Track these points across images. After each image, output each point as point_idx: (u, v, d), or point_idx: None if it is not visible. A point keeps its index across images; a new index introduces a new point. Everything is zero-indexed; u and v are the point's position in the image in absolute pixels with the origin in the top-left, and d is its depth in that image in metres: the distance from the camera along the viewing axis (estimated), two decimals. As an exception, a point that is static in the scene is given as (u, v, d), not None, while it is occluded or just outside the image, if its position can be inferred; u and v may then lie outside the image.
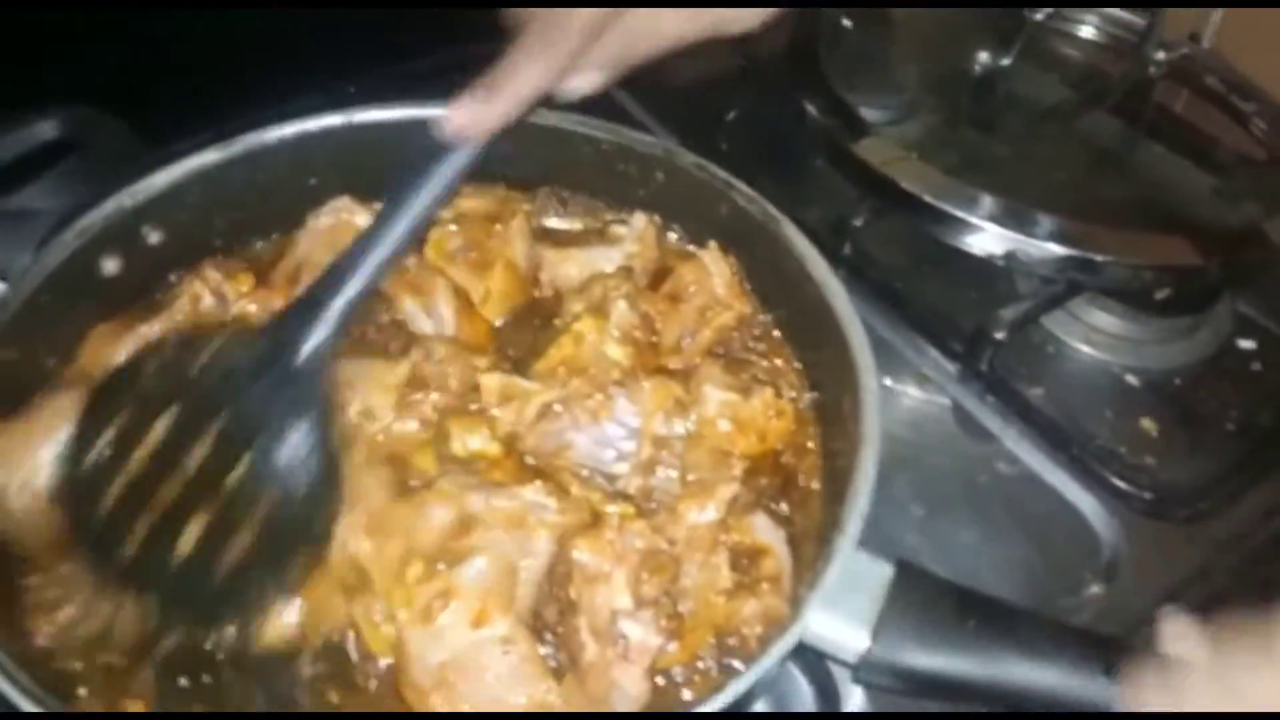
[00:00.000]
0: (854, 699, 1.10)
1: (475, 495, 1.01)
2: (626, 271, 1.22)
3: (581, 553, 0.97)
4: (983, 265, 1.51)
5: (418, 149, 1.27)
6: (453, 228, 1.25)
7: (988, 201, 1.49)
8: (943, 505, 1.29)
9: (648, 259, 1.26)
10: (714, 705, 0.83)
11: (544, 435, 1.06)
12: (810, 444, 1.14)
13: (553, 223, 1.32)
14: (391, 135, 1.29)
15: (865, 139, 1.59)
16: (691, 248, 1.29)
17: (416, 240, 1.12)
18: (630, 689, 0.92)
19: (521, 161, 1.33)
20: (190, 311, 1.18)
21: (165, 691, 0.97)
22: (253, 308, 1.19)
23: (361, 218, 1.23)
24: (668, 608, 0.96)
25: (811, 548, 1.04)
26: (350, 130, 1.28)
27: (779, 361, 1.21)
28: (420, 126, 1.27)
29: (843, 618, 0.90)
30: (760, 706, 1.06)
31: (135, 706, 0.95)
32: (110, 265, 1.18)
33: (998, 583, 1.24)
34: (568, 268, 1.26)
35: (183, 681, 0.98)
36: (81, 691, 0.94)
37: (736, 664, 0.97)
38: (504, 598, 0.96)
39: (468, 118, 0.97)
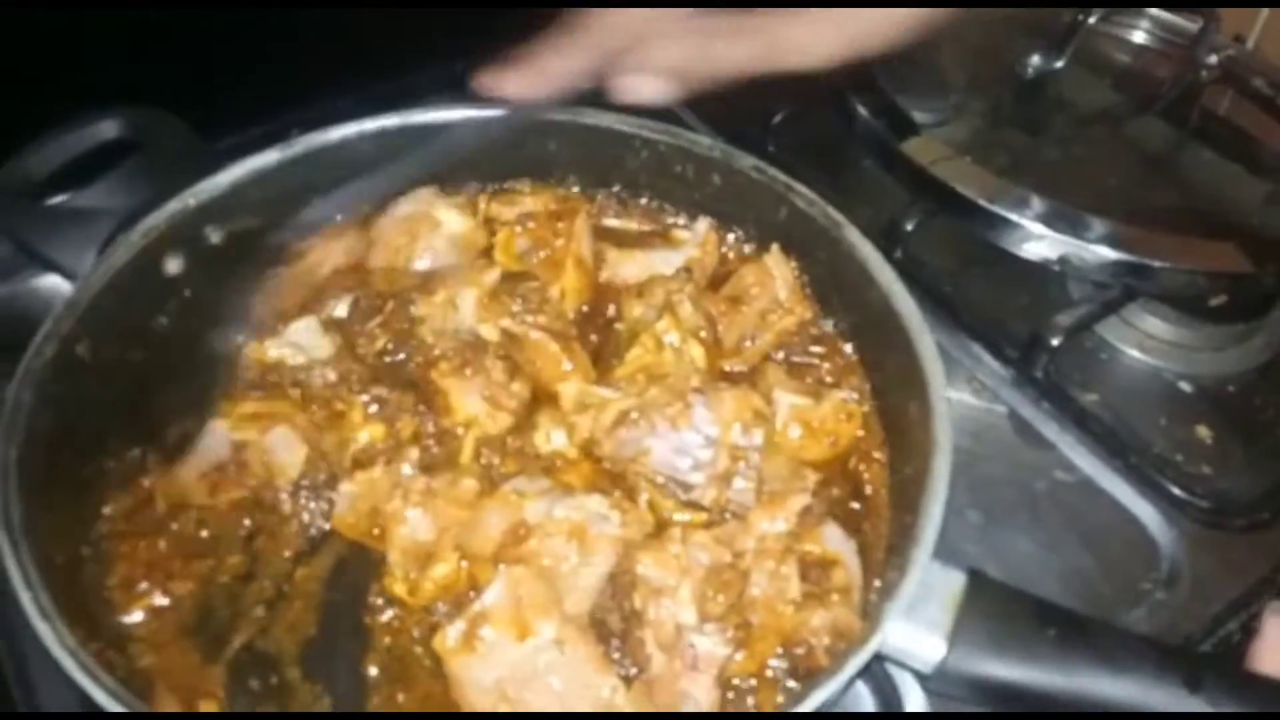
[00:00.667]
0: (912, 700, 1.09)
1: (539, 503, 1.01)
2: (686, 274, 1.21)
3: (646, 566, 0.97)
4: (1034, 269, 1.50)
5: (471, 148, 1.31)
6: (518, 229, 1.25)
7: (1039, 204, 1.48)
8: (1000, 513, 1.28)
9: (708, 264, 1.26)
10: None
11: (621, 442, 1.06)
12: (876, 453, 1.14)
13: (613, 223, 1.33)
14: (445, 135, 1.30)
15: (914, 139, 1.58)
16: (749, 250, 1.29)
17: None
18: (700, 698, 0.92)
19: (579, 163, 1.33)
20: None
21: (236, 693, 0.98)
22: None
23: (441, 210, 1.26)
24: (734, 619, 0.96)
25: (879, 556, 1.03)
26: (406, 131, 1.29)
27: (839, 363, 1.21)
28: (473, 126, 1.29)
29: (918, 627, 0.89)
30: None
31: (209, 706, 0.95)
32: (173, 265, 1.19)
33: (1056, 591, 1.23)
34: (628, 268, 1.26)
35: (253, 684, 0.99)
36: (159, 690, 0.94)
37: (797, 673, 0.97)
38: (544, 604, 0.95)
39: (498, 79, 1.01)
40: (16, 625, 1.09)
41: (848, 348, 1.22)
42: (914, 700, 1.07)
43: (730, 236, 1.32)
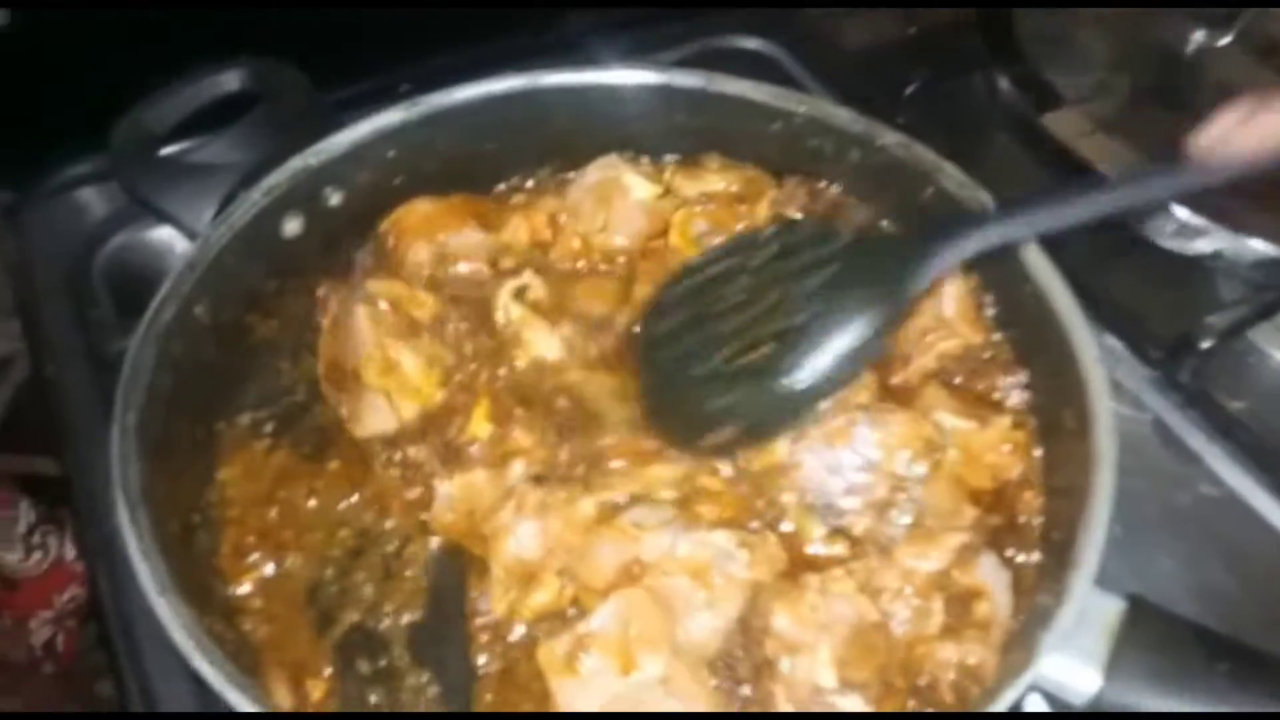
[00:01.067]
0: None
1: (660, 537, 0.95)
2: None
3: (781, 619, 0.91)
4: (1181, 265, 1.39)
5: (598, 114, 1.26)
6: (698, 208, 1.20)
7: (1197, 195, 1.37)
8: (1139, 527, 1.20)
9: None
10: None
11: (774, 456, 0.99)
12: (1031, 475, 1.05)
13: (795, 214, 1.23)
14: (573, 100, 1.25)
15: (1058, 113, 1.48)
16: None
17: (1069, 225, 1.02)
18: None
19: (767, 146, 1.26)
20: (517, 241, 1.22)
21: (344, 673, 0.96)
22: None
23: (628, 176, 1.22)
24: (877, 679, 0.90)
25: (1028, 585, 0.97)
26: (531, 94, 1.24)
27: (1009, 384, 1.12)
28: (601, 91, 1.24)
29: (1073, 658, 0.83)
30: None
31: (317, 689, 0.93)
32: (292, 226, 1.16)
33: (1195, 613, 1.13)
34: None
35: (362, 665, 0.96)
36: (268, 666, 0.92)
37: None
38: (655, 638, 0.90)
39: (1221, 132, 0.82)
40: (128, 594, 1.09)
41: (1009, 360, 1.13)
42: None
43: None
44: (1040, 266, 1.06)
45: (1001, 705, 0.78)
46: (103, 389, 1.25)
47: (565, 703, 0.89)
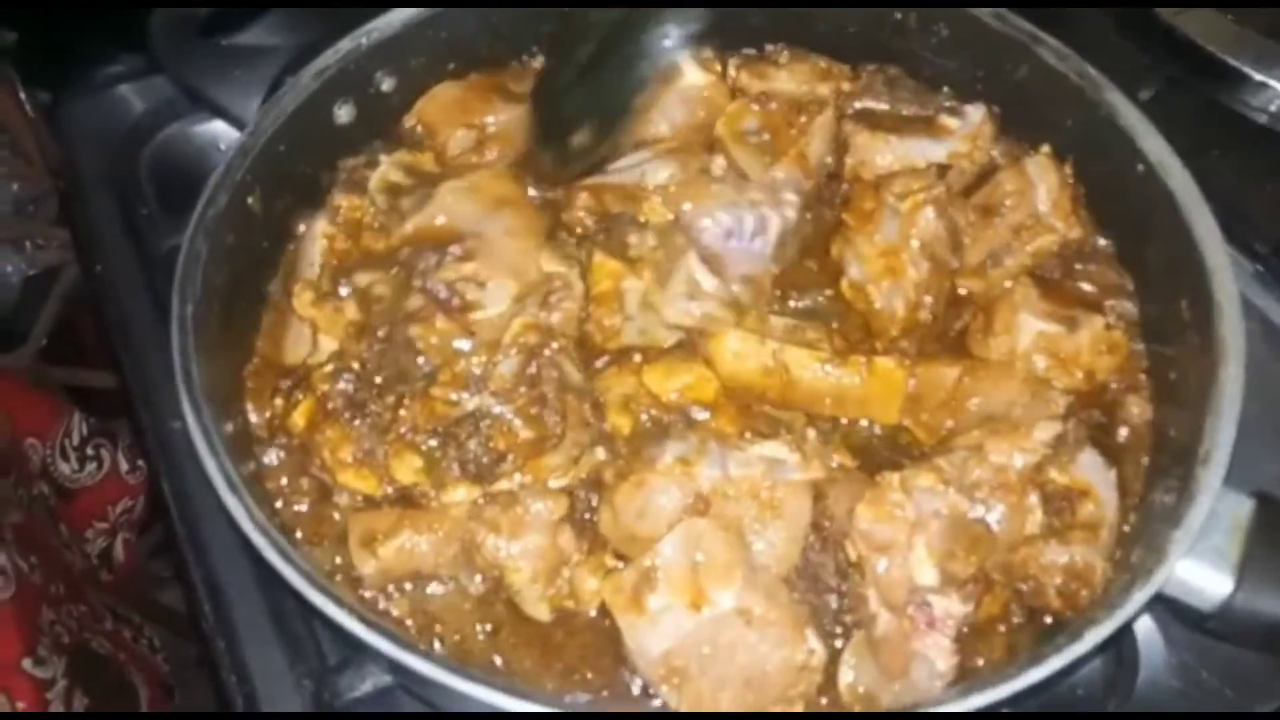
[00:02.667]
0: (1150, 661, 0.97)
1: (708, 466, 0.89)
2: (941, 171, 1.06)
3: (864, 519, 0.85)
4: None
5: None
6: (754, 106, 1.12)
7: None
8: (1246, 431, 1.12)
9: (976, 159, 1.09)
10: (1043, 670, 0.71)
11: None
12: (1134, 377, 0.98)
13: (872, 105, 1.14)
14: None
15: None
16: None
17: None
18: (939, 663, 0.81)
19: (844, 24, 1.18)
20: None
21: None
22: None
23: (682, 58, 1.14)
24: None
25: (1135, 489, 0.90)
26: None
27: (1108, 279, 1.04)
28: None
29: (1203, 559, 0.77)
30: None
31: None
32: (344, 113, 1.09)
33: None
34: (880, 156, 1.10)
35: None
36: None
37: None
38: (725, 566, 0.85)
39: None
40: (191, 493, 1.07)
41: (1110, 253, 1.06)
42: (1153, 661, 0.95)
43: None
44: (1153, 145, 0.98)
45: (1130, 609, 0.72)
46: (153, 287, 1.22)
47: (634, 646, 0.84)
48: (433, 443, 0.93)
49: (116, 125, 1.41)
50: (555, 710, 0.70)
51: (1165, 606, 0.83)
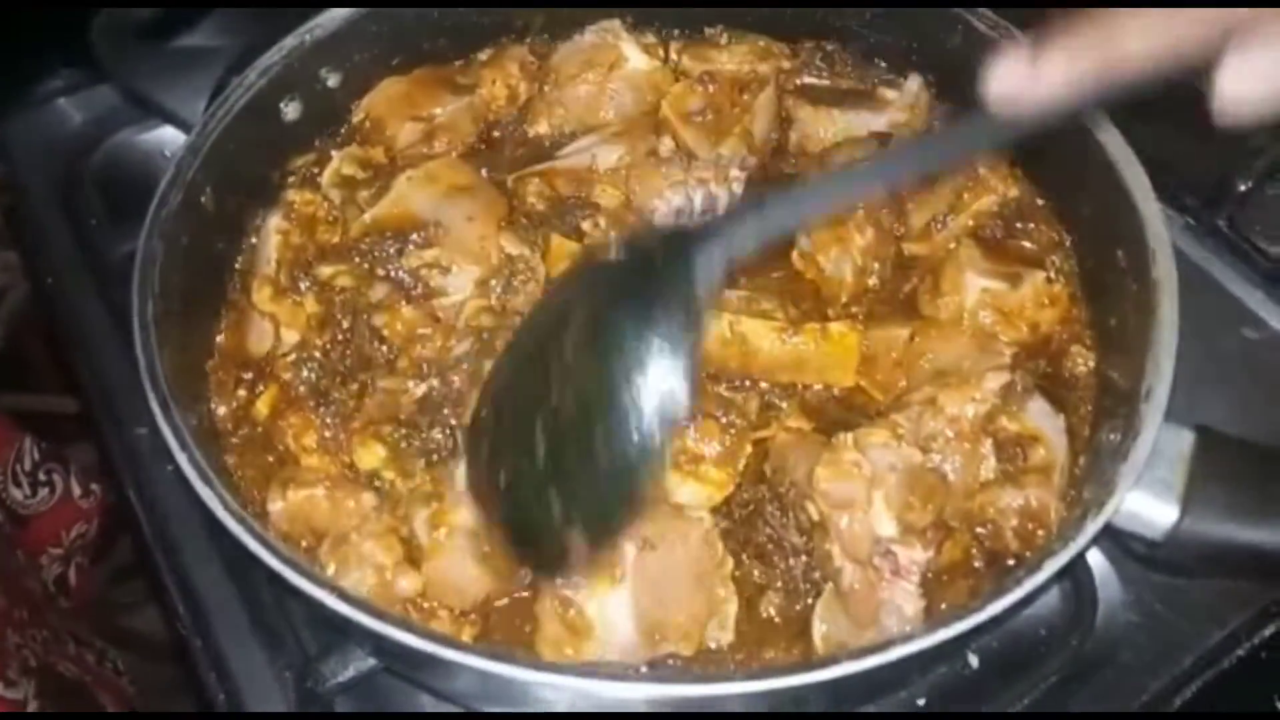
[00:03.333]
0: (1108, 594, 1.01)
1: None
2: (881, 139, 1.09)
3: (825, 481, 0.87)
4: (1203, 111, 1.35)
5: None
6: (698, 87, 1.14)
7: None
8: (1186, 373, 1.17)
9: (915, 127, 1.12)
10: (1005, 601, 0.74)
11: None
12: (1076, 327, 1.03)
13: (812, 80, 1.18)
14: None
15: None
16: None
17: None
18: (906, 608, 0.84)
19: (783, 13, 1.20)
20: (492, 100, 1.17)
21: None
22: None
23: (625, 44, 1.16)
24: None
25: (1082, 435, 0.94)
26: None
27: (1047, 235, 1.08)
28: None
29: (1147, 491, 0.80)
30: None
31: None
32: (291, 110, 1.10)
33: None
34: (822, 128, 1.13)
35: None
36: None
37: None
38: None
39: (1013, 83, 0.67)
40: (159, 496, 1.06)
41: (1048, 211, 1.09)
42: (1110, 598, 0.99)
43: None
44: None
45: (1083, 539, 0.76)
46: (107, 295, 1.21)
47: (610, 641, 0.87)
48: (399, 431, 0.94)
49: (58, 138, 1.40)
50: (550, 678, 0.71)
51: (1117, 541, 0.86)
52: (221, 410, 0.98)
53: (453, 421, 0.94)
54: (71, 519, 1.95)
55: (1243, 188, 1.27)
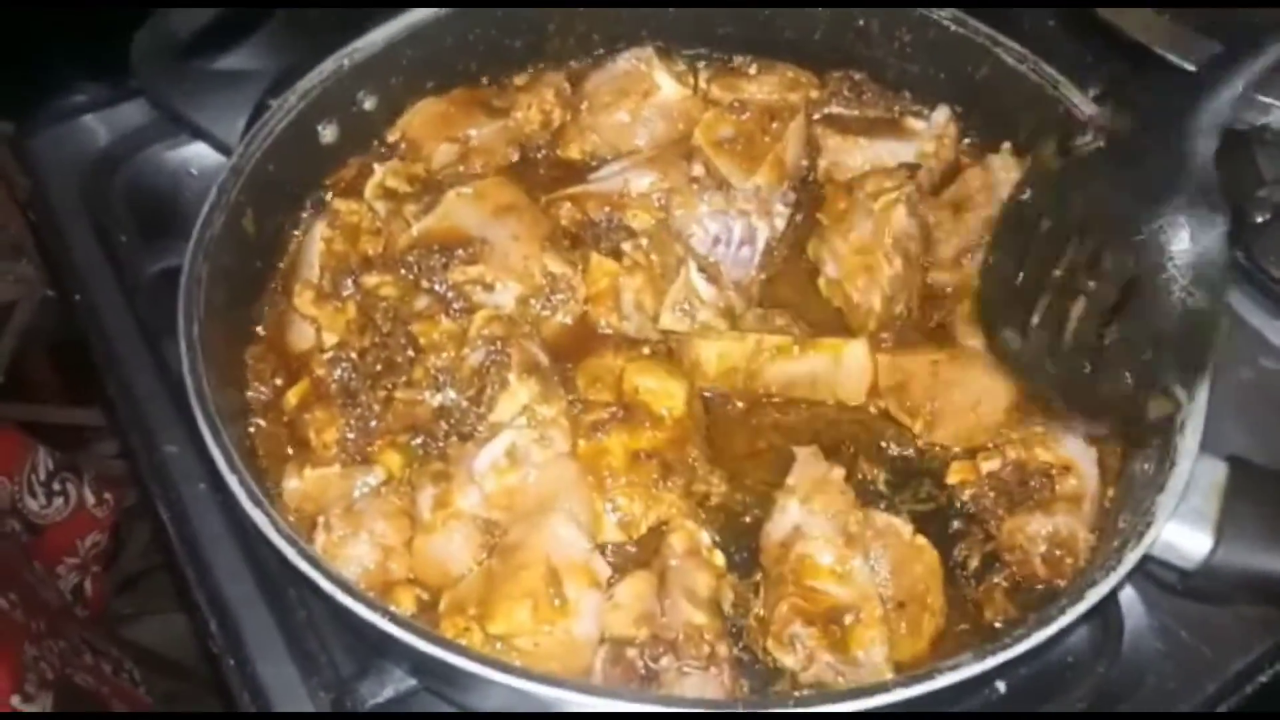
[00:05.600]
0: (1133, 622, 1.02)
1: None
2: (910, 170, 1.10)
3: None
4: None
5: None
6: (729, 115, 1.16)
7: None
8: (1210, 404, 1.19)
9: (943, 158, 1.15)
10: (1051, 629, 0.76)
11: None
12: None
13: (840, 110, 1.21)
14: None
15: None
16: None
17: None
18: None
19: (809, 31, 1.23)
20: (529, 122, 1.19)
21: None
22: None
23: (659, 73, 1.17)
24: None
25: (1115, 463, 0.96)
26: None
27: None
28: None
29: (1184, 520, 0.82)
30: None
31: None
32: (329, 133, 1.11)
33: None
34: (850, 157, 1.15)
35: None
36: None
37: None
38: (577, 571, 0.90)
39: None
40: (195, 513, 1.07)
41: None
42: (1136, 625, 1.00)
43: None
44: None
45: (1124, 567, 0.77)
46: (136, 312, 1.22)
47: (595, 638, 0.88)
48: (416, 439, 0.97)
49: (84, 154, 1.40)
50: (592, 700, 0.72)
51: (1149, 570, 0.88)
52: (251, 395, 1.01)
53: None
54: (87, 528, 1.96)
55: (1259, 219, 1.28)
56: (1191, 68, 1.36)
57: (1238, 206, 1.31)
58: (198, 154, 1.33)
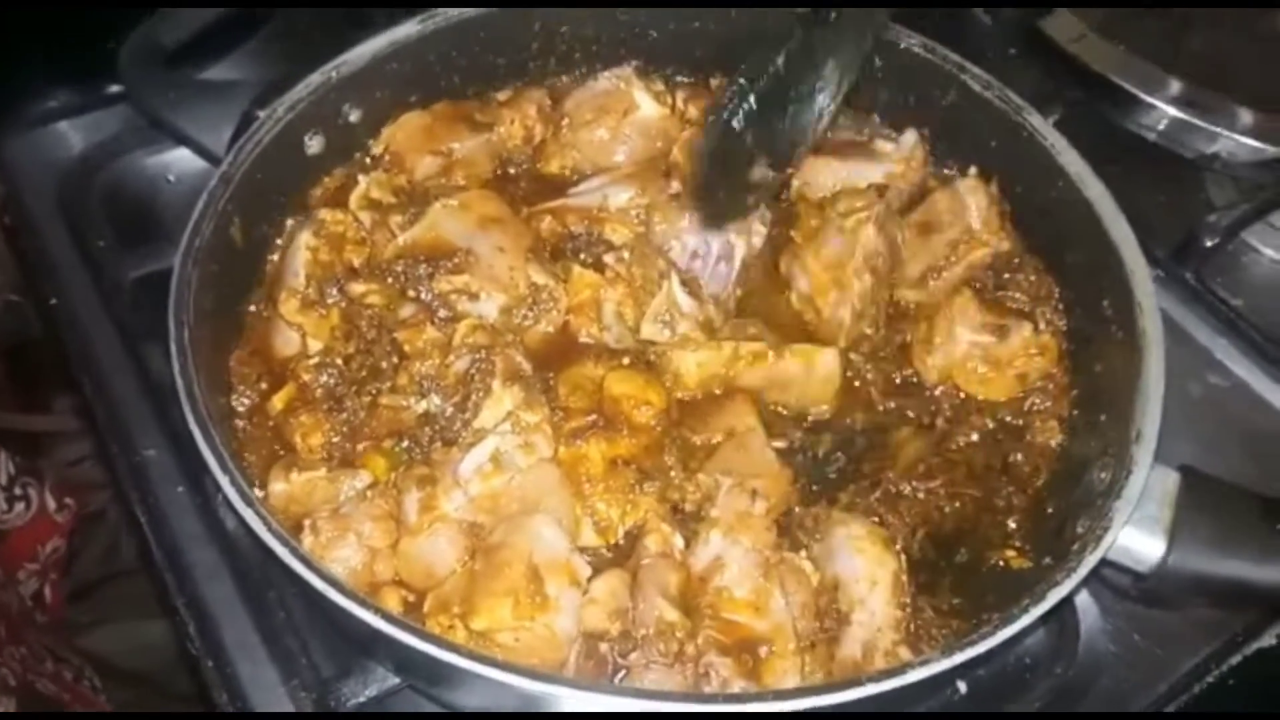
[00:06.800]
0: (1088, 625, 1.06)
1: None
2: (880, 190, 1.14)
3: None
4: (1169, 166, 1.43)
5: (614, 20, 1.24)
6: None
7: (1189, 91, 1.40)
8: (1159, 414, 1.24)
9: (911, 180, 1.19)
10: (1010, 630, 0.79)
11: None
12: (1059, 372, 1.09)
13: None
14: (597, 16, 1.24)
15: (1054, 16, 1.50)
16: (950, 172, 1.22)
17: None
18: None
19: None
20: (511, 136, 1.22)
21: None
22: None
23: (638, 92, 1.21)
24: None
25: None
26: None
27: (1037, 287, 1.14)
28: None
29: (1139, 525, 0.86)
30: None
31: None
32: (314, 144, 1.13)
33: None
34: (822, 177, 1.19)
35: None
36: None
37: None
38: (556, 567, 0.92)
39: None
40: (172, 518, 1.08)
41: (1037, 263, 1.16)
42: (1091, 629, 1.05)
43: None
44: (1071, 160, 1.09)
45: (1083, 570, 0.81)
46: (115, 317, 1.22)
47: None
48: (400, 444, 0.99)
49: (60, 159, 1.40)
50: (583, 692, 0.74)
51: (1103, 576, 0.92)
52: (236, 400, 1.02)
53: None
54: (47, 533, 1.94)
55: (1208, 243, 1.34)
56: (1147, 97, 1.43)
57: (1189, 231, 1.37)
58: (176, 159, 1.35)
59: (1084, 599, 1.06)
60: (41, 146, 1.42)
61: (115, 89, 1.38)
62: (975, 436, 1.08)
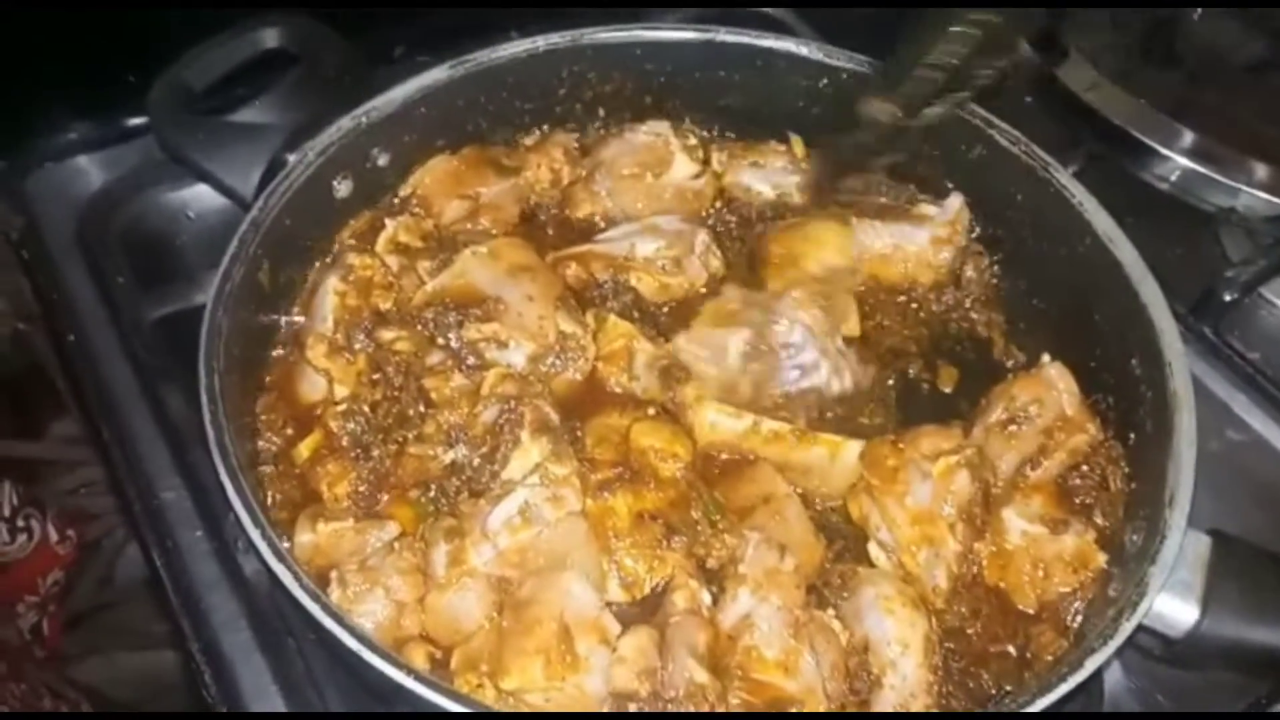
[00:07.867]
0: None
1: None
2: (965, 429, 1.07)
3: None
4: (1183, 221, 1.44)
5: (642, 71, 1.25)
6: None
7: (1205, 144, 1.41)
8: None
9: (956, 244, 1.18)
10: (1052, 696, 0.79)
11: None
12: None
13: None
14: (622, 56, 1.24)
15: (1067, 66, 1.51)
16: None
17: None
18: None
19: (809, 109, 1.27)
20: (538, 180, 1.23)
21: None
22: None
23: (675, 147, 1.22)
24: None
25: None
26: (578, 51, 1.22)
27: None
28: (647, 48, 1.23)
29: (1172, 591, 0.86)
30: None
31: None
32: (343, 188, 1.13)
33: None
34: (877, 240, 1.18)
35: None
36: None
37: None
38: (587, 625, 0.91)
39: None
40: (191, 559, 1.07)
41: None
42: (1115, 690, 1.04)
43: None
44: (1100, 218, 1.09)
45: (1121, 636, 0.81)
46: (134, 356, 1.21)
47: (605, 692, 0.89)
48: (427, 494, 0.98)
49: (79, 194, 1.40)
50: None
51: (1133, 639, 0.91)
52: (263, 445, 1.02)
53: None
54: (49, 565, 1.93)
55: (1227, 298, 1.35)
56: (1162, 149, 1.44)
57: (1207, 287, 1.37)
58: (196, 196, 1.35)
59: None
60: (61, 180, 1.42)
61: (135, 122, 1.39)
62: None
